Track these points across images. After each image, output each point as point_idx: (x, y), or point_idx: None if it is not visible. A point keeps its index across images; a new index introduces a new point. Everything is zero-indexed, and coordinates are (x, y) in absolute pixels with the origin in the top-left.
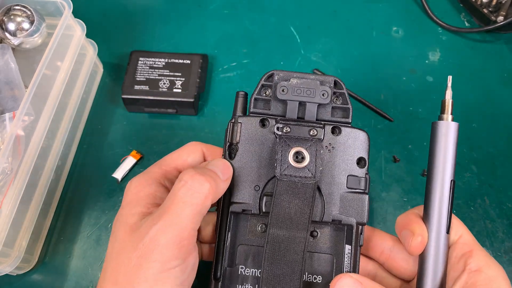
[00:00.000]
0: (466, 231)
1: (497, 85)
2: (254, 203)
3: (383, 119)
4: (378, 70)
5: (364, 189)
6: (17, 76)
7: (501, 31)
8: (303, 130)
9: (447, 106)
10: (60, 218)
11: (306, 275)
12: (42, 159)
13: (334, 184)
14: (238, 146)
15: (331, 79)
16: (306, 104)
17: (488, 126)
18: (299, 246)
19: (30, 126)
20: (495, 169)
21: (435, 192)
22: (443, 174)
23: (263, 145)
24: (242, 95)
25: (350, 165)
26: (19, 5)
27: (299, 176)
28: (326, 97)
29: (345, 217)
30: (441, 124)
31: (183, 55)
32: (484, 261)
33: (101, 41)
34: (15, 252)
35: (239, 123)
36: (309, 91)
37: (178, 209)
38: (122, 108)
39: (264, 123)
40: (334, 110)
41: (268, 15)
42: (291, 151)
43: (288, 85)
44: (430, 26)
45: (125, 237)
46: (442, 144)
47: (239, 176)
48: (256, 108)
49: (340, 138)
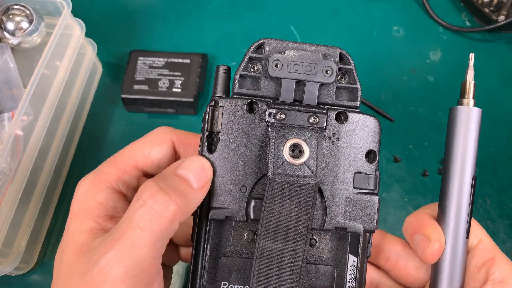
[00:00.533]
0: (486, 235)
1: (498, 84)
2: (239, 208)
3: (384, 119)
4: (378, 70)
5: (374, 189)
6: (16, 75)
7: (502, 31)
8: (302, 117)
9: (468, 89)
10: (59, 219)
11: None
12: (41, 159)
13: (338, 183)
14: (220, 136)
15: (336, 51)
16: (306, 83)
17: (489, 126)
18: (295, 261)
19: (29, 126)
20: (496, 169)
21: (453, 190)
22: (462, 169)
23: (251, 135)
24: (224, 70)
25: (358, 160)
26: (18, 5)
27: (296, 175)
28: (330, 75)
29: (350, 223)
30: (461, 110)
31: (182, 55)
32: (509, 271)
33: (100, 41)
34: (14, 253)
35: (221, 107)
36: (309, 67)
37: (135, 236)
38: (122, 108)
39: (252, 107)
40: (339, 92)
41: (268, 14)
42: (286, 144)
43: (283, 58)
44: (431, 26)
45: (73, 259)
46: (462, 133)
47: (221, 174)
48: (242, 88)
49: (346, 127)
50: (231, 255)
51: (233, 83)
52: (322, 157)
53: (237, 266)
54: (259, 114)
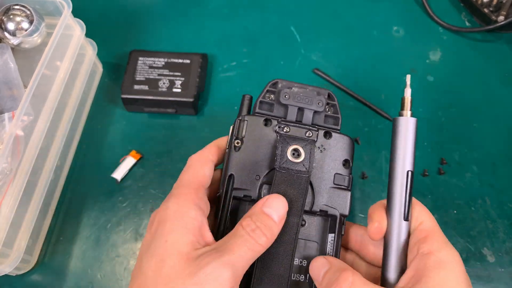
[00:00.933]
0: (428, 218)
1: (497, 84)
2: (254, 190)
3: (384, 119)
4: (378, 70)
5: (348, 186)
6: (16, 76)
7: (501, 31)
8: (301, 131)
9: (406, 103)
10: (59, 219)
11: None
12: (42, 159)
13: (323, 179)
14: (243, 140)
15: (326, 92)
16: (304, 110)
17: (488, 126)
18: (292, 230)
19: (29, 126)
20: (496, 169)
21: (394, 182)
22: (402, 166)
23: (265, 141)
24: (248, 98)
25: (337, 165)
26: (18, 5)
27: (295, 169)
28: (321, 106)
29: (330, 208)
30: (401, 119)
31: (182, 55)
32: (436, 245)
33: (100, 41)
34: (15, 253)
35: (246, 121)
36: (307, 99)
37: (242, 252)
38: (122, 108)
39: (267, 122)
40: (327, 118)
41: (268, 14)
42: (289, 148)
43: (290, 92)
44: (431, 26)
45: (180, 264)
46: (402, 137)
47: (242, 165)
48: (261, 110)
49: (330, 142)
50: None
51: (255, 106)
52: (313, 159)
53: None
54: (271, 127)
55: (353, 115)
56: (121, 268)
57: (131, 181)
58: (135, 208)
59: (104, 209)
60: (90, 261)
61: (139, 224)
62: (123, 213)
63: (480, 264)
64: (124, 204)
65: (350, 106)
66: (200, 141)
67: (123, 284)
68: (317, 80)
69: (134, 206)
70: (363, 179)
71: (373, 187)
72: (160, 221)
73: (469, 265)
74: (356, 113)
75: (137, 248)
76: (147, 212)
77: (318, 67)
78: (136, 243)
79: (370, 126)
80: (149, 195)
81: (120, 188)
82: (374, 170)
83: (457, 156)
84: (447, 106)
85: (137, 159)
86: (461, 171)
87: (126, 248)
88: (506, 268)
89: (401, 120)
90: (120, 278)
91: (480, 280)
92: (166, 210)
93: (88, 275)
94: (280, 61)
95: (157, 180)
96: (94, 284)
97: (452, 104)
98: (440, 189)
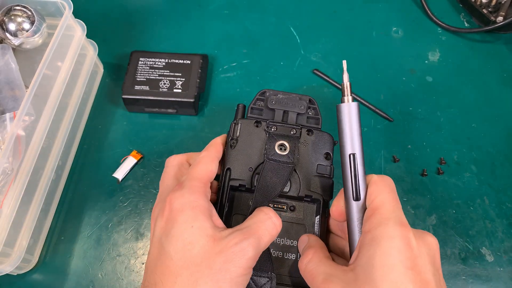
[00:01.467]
0: (380, 195)
1: (496, 85)
2: (247, 180)
3: (383, 119)
4: (378, 70)
5: (330, 175)
6: (17, 76)
7: (500, 31)
8: (286, 130)
9: (346, 89)
10: (61, 218)
11: (285, 239)
12: (43, 159)
13: (308, 169)
14: (238, 140)
15: (307, 98)
16: (289, 112)
17: (487, 126)
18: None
19: (31, 126)
20: (495, 169)
21: (343, 166)
22: (346, 150)
23: (256, 139)
24: (242, 106)
25: (319, 157)
26: (19, 6)
27: (281, 160)
28: (303, 109)
29: (314, 193)
30: (342, 106)
31: (183, 55)
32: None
33: (101, 41)
34: (16, 252)
35: (239, 123)
36: (291, 104)
37: (263, 235)
38: (123, 108)
39: (258, 124)
40: (309, 119)
41: (268, 15)
42: (277, 143)
43: (276, 98)
44: (430, 27)
45: (209, 244)
46: (345, 123)
47: (238, 160)
48: (252, 114)
49: (312, 138)
50: (240, 213)
51: (247, 111)
52: (297, 152)
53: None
54: (262, 128)
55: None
56: (122, 267)
57: (132, 180)
58: (136, 207)
59: (105, 209)
60: (91, 260)
61: (140, 224)
62: (124, 213)
63: (478, 263)
64: (125, 203)
65: None
66: (200, 141)
67: (124, 283)
68: (317, 80)
69: (135, 205)
70: None
71: None
72: (178, 209)
73: (468, 265)
74: None
75: (138, 247)
76: (148, 212)
77: (318, 67)
78: (137, 242)
79: (370, 126)
80: (150, 194)
81: (121, 187)
82: (374, 170)
83: (456, 156)
84: (446, 106)
85: (138, 159)
86: (460, 171)
87: (127, 248)
88: (504, 267)
89: (343, 106)
90: (121, 277)
91: (479, 280)
92: (182, 199)
93: (89, 274)
94: (280, 62)
95: (157, 180)
96: (95, 283)
97: (451, 104)
98: (439, 188)
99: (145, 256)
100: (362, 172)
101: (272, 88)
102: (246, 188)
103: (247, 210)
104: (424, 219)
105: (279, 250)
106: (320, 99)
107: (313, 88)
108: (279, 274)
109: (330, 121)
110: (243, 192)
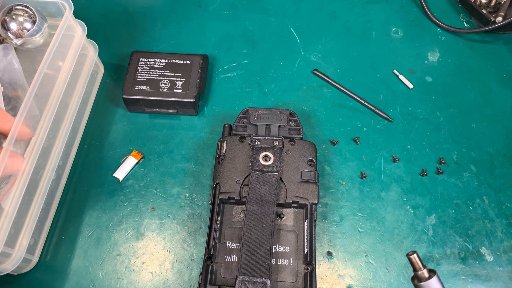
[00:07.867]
0: None
1: (496, 85)
2: (236, 192)
3: (383, 119)
4: (377, 70)
5: (314, 180)
6: (21, 76)
7: (500, 32)
8: (269, 142)
9: (417, 263)
10: (61, 218)
11: (277, 246)
12: (43, 158)
13: (293, 176)
14: (225, 155)
15: (287, 111)
16: (271, 126)
17: (486, 126)
18: (269, 217)
19: (32, 126)
20: (494, 169)
21: None
22: None
23: (241, 153)
24: (228, 126)
25: (303, 164)
26: (21, 5)
27: (267, 170)
28: (283, 121)
29: (301, 198)
30: (424, 285)
31: (183, 56)
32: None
33: (101, 42)
34: (16, 252)
35: (225, 140)
36: (272, 118)
37: None
38: (123, 108)
39: (242, 139)
40: (291, 130)
41: (268, 16)
42: (261, 154)
43: (258, 114)
44: (429, 27)
45: None
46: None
47: (225, 174)
48: (236, 131)
49: (295, 147)
50: (232, 226)
51: (232, 129)
52: (281, 161)
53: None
54: (246, 142)
55: (352, 116)
56: (122, 266)
57: (132, 180)
58: (136, 207)
59: (105, 209)
60: (92, 260)
61: (140, 223)
62: (124, 213)
63: (478, 263)
64: (125, 203)
65: (349, 106)
66: (200, 141)
67: (124, 282)
68: (317, 80)
69: (136, 205)
70: (362, 179)
71: (372, 186)
72: None
73: (467, 264)
74: (355, 113)
75: (138, 247)
76: (148, 212)
77: (318, 68)
78: (137, 242)
79: (369, 127)
80: (150, 194)
81: (122, 187)
82: (373, 170)
83: (455, 156)
84: (446, 106)
85: (138, 159)
86: (459, 171)
87: (127, 247)
88: (504, 267)
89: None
90: (121, 277)
91: (478, 279)
92: None
93: (89, 273)
94: (280, 62)
95: (158, 179)
96: (95, 283)
97: (450, 104)
98: (438, 188)
99: (145, 255)
100: None
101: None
102: (236, 200)
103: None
104: (424, 219)
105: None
106: (320, 99)
107: (313, 88)
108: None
109: (330, 121)
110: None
